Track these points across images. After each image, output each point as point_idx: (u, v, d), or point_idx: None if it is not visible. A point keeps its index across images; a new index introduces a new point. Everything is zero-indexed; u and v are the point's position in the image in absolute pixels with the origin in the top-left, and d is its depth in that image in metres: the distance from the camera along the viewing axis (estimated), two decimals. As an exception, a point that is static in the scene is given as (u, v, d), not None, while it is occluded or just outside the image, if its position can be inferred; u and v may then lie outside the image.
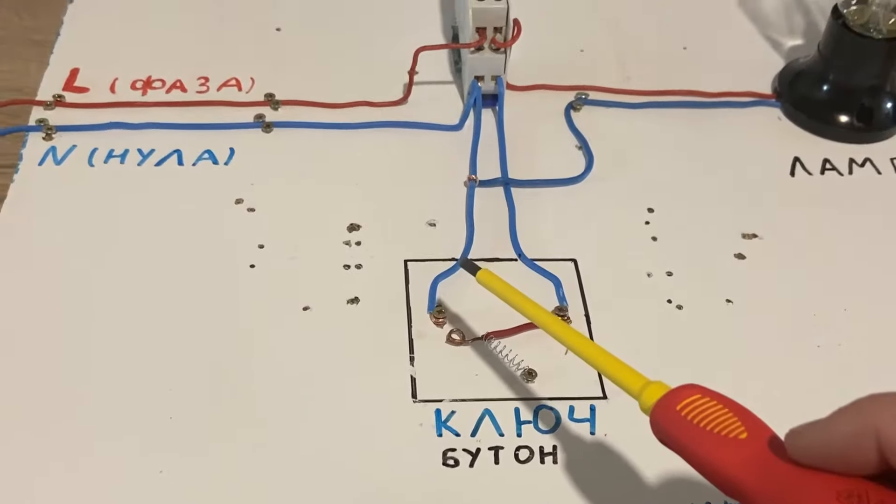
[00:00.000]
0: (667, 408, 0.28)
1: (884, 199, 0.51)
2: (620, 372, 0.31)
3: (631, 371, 0.31)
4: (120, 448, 0.38)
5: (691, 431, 0.27)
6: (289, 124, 0.53)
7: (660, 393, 0.29)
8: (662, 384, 0.30)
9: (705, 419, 0.27)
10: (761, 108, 0.56)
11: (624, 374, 0.31)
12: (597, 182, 0.51)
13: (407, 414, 0.40)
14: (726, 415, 0.27)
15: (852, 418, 0.24)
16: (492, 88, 0.53)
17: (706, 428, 0.27)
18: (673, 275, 0.46)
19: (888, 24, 0.51)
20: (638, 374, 0.31)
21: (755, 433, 0.27)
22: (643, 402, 0.30)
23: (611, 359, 0.32)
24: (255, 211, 0.48)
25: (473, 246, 0.47)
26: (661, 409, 0.28)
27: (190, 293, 0.44)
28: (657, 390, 0.29)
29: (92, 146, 0.51)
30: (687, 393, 0.28)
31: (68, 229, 0.47)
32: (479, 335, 0.43)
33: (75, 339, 0.42)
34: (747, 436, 0.26)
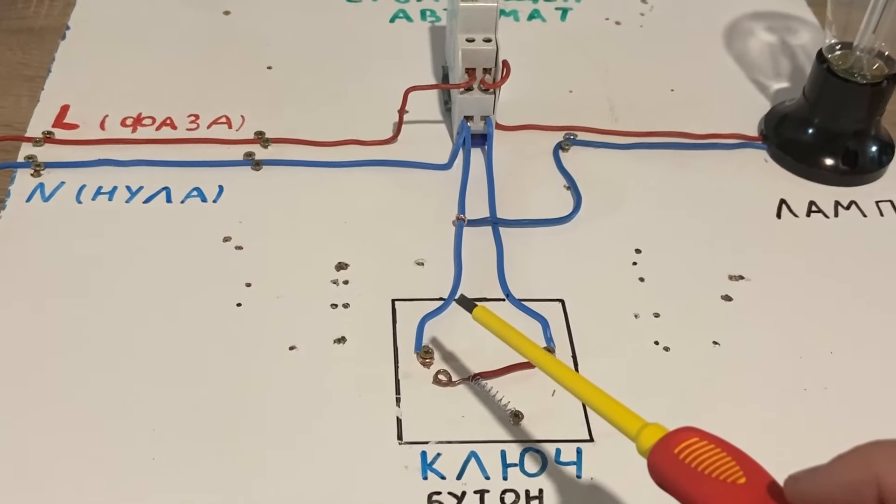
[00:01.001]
0: (664, 451, 0.28)
1: (869, 242, 0.51)
2: (617, 413, 0.31)
3: (628, 412, 0.31)
4: (101, 488, 0.38)
5: (689, 475, 0.27)
6: (278, 162, 0.53)
7: (657, 435, 0.29)
8: (660, 426, 0.29)
9: (703, 463, 0.27)
10: (748, 151, 0.56)
11: (621, 416, 0.31)
12: (585, 222, 0.51)
13: (392, 456, 0.40)
14: (724, 459, 0.27)
15: (853, 466, 0.24)
16: (481, 128, 0.54)
17: (704, 472, 0.27)
18: (660, 316, 0.46)
19: (872, 69, 0.52)
20: (635, 415, 0.31)
21: (754, 478, 0.26)
22: (640, 445, 0.29)
23: (608, 399, 0.32)
24: (243, 249, 0.48)
25: (461, 286, 0.47)
26: (659, 452, 0.28)
27: (175, 332, 0.44)
28: (655, 433, 0.29)
29: (80, 183, 0.51)
30: (685, 436, 0.28)
31: (55, 266, 0.47)
32: (465, 376, 0.43)
33: (60, 377, 0.42)
34: (746, 481, 0.26)
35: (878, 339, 0.46)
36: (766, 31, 0.66)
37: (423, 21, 0.65)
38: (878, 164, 0.54)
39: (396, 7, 0.66)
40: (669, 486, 0.28)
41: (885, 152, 0.55)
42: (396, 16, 0.66)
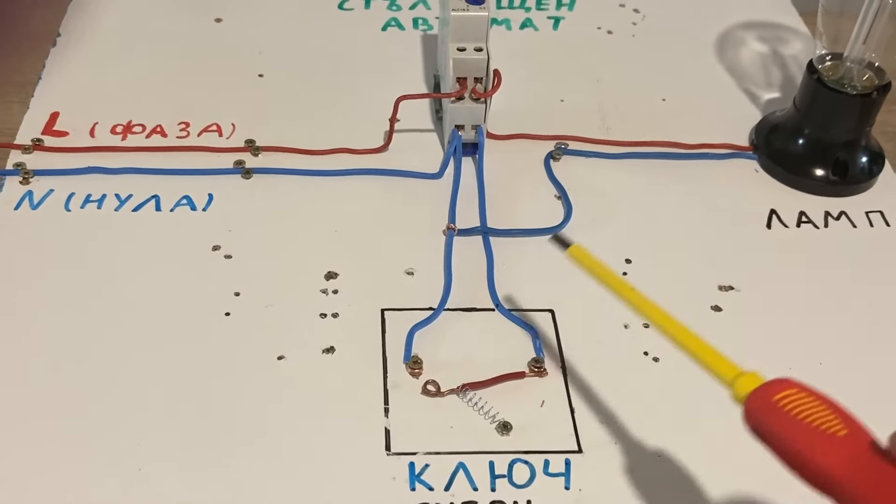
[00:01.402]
0: (763, 398, 0.28)
1: (859, 253, 0.51)
2: (714, 360, 0.31)
3: (724, 360, 0.31)
4: (87, 499, 0.38)
5: (789, 422, 0.27)
6: (268, 171, 0.53)
7: (755, 384, 0.29)
8: (757, 375, 0.29)
9: (803, 412, 0.27)
10: (738, 161, 0.56)
11: (717, 363, 0.31)
12: (575, 232, 0.51)
13: (380, 467, 0.40)
14: (824, 410, 0.27)
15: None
16: (472, 137, 0.54)
17: (804, 420, 0.27)
18: (649, 327, 0.46)
19: (862, 79, 0.52)
20: (732, 363, 0.30)
21: (854, 431, 0.26)
22: (737, 392, 0.29)
23: (704, 347, 0.31)
24: (232, 258, 0.48)
25: (451, 295, 0.47)
26: (757, 399, 0.28)
27: (164, 341, 0.44)
28: (752, 380, 0.29)
29: (69, 191, 0.51)
30: (784, 386, 0.28)
31: (43, 275, 0.46)
32: (454, 387, 0.42)
33: (46, 386, 0.42)
34: (847, 433, 0.26)
35: (867, 350, 0.46)
36: (758, 40, 0.66)
37: (415, 29, 0.65)
38: (868, 175, 0.54)
39: (388, 15, 0.66)
40: (765, 432, 0.28)
41: (875, 163, 0.55)
42: (388, 24, 0.66)
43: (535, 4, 0.68)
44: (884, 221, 0.53)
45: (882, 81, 0.52)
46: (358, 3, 0.67)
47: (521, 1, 0.69)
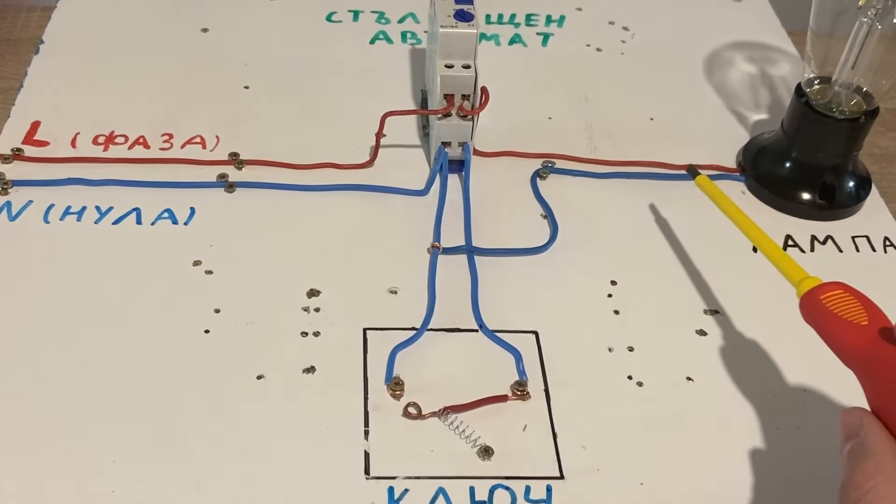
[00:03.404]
0: (813, 296, 0.37)
1: (845, 278, 0.50)
2: (788, 265, 0.40)
3: (795, 266, 0.40)
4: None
5: (825, 315, 0.35)
6: (252, 185, 0.53)
7: (812, 285, 0.37)
8: (816, 279, 0.38)
9: (839, 307, 0.35)
10: (726, 182, 0.56)
11: (789, 267, 0.40)
12: (561, 252, 0.51)
13: (359, 491, 0.39)
14: (856, 306, 0.35)
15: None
16: (458, 154, 0.53)
17: (837, 313, 0.35)
18: (634, 350, 0.46)
19: (850, 104, 0.52)
20: (801, 269, 0.39)
21: (874, 321, 0.34)
22: (799, 291, 0.38)
23: (783, 255, 0.41)
24: (213, 273, 0.47)
25: (434, 315, 0.46)
26: (808, 298, 0.37)
27: (141, 358, 0.43)
28: (811, 283, 0.38)
29: (49, 202, 0.50)
30: (832, 287, 0.36)
31: (19, 288, 0.46)
32: (436, 409, 0.42)
33: (20, 400, 0.41)
34: (868, 322, 0.34)
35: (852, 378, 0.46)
36: (747, 61, 0.66)
37: (403, 43, 0.65)
38: (854, 200, 0.54)
39: (377, 28, 0.66)
40: (810, 320, 0.36)
41: (863, 187, 0.55)
42: (377, 37, 0.65)
43: (525, 20, 0.68)
44: (870, 246, 0.53)
45: (870, 106, 0.52)
46: (346, 16, 0.67)
47: (511, 17, 0.68)
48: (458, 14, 0.51)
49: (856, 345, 0.34)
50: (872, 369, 0.33)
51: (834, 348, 0.35)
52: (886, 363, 0.32)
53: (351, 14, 0.67)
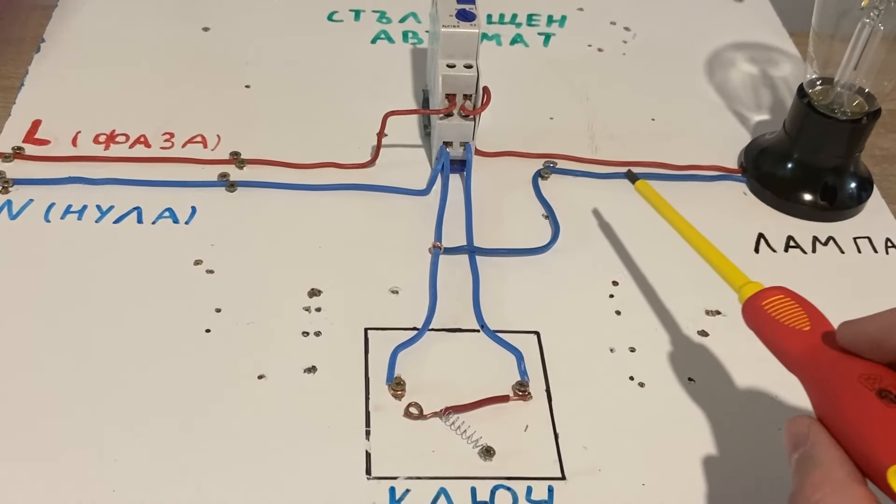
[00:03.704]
0: (755, 302, 0.36)
1: (846, 279, 0.51)
2: (729, 271, 0.39)
3: (737, 271, 0.39)
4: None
5: (768, 322, 0.35)
6: (253, 184, 0.52)
7: (753, 290, 0.36)
8: (758, 284, 0.37)
9: (781, 313, 0.34)
10: (727, 183, 0.56)
11: (730, 273, 0.39)
12: (562, 252, 0.51)
13: (360, 491, 0.39)
14: (798, 311, 0.34)
15: (889, 315, 0.30)
16: (460, 154, 0.53)
17: (779, 320, 0.34)
18: (636, 351, 0.46)
19: (852, 105, 0.52)
20: (742, 274, 0.38)
21: (816, 326, 0.33)
22: (740, 297, 0.37)
23: (725, 261, 0.40)
24: (214, 273, 0.47)
25: (436, 315, 0.46)
26: (749, 304, 0.36)
27: (142, 357, 0.43)
28: (752, 288, 0.36)
29: (49, 201, 0.50)
30: (773, 293, 0.36)
31: (20, 287, 0.45)
32: (437, 410, 0.42)
33: (20, 400, 0.41)
34: (810, 328, 0.33)
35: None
36: (748, 62, 0.66)
37: (404, 43, 0.65)
38: (856, 201, 0.54)
39: (378, 28, 0.66)
40: (754, 328, 0.36)
41: (864, 189, 0.55)
42: (378, 37, 0.65)
43: (526, 20, 0.68)
44: (871, 247, 0.53)
45: (872, 107, 0.52)
46: (347, 16, 0.67)
47: (512, 17, 0.68)
48: (460, 14, 0.51)
49: (798, 351, 0.33)
50: (815, 376, 0.32)
51: (777, 355, 0.34)
52: (829, 369, 0.31)
53: (352, 13, 0.67)
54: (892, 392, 0.29)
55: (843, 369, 0.31)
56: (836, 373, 0.31)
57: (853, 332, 0.31)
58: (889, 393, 0.29)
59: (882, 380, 0.30)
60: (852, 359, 0.31)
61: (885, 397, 0.29)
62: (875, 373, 0.30)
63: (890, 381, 0.29)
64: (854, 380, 0.30)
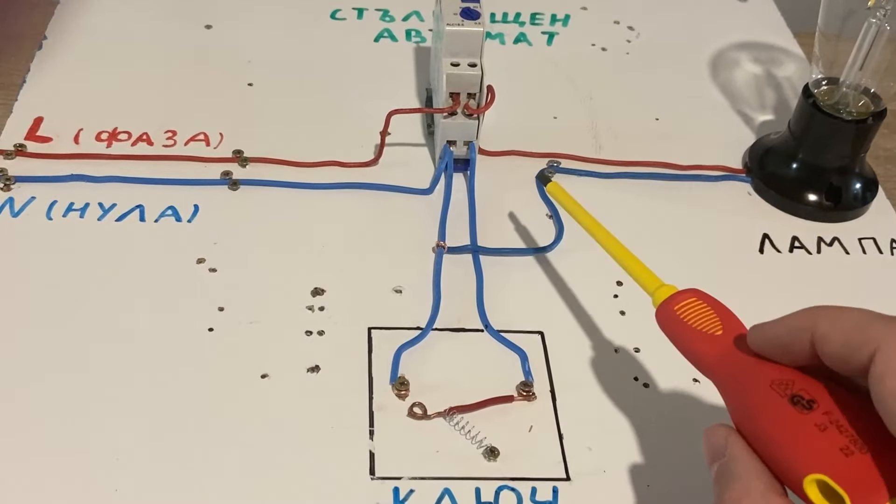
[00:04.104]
0: (667, 307, 0.35)
1: (851, 280, 0.51)
2: (641, 274, 0.38)
3: (650, 274, 0.38)
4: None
5: (679, 327, 0.34)
6: (256, 182, 0.52)
7: (666, 294, 0.35)
8: (671, 287, 0.36)
9: (693, 318, 0.34)
10: (732, 183, 0.56)
11: (644, 276, 0.38)
12: (566, 252, 0.50)
13: (364, 492, 0.39)
14: (711, 315, 0.34)
15: (798, 317, 0.29)
16: (464, 153, 0.53)
17: (691, 325, 0.34)
18: (640, 351, 0.46)
19: (857, 105, 0.52)
20: (656, 277, 0.38)
21: (729, 330, 0.33)
22: (654, 301, 0.36)
23: (637, 263, 0.39)
24: (217, 271, 0.47)
25: (439, 315, 0.46)
26: (662, 309, 0.35)
27: (144, 356, 0.43)
28: (665, 292, 0.36)
29: (52, 198, 0.50)
30: (685, 296, 0.35)
31: (22, 284, 0.45)
32: (441, 410, 0.42)
33: (22, 400, 0.40)
34: (722, 333, 0.33)
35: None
36: (753, 62, 0.66)
37: (408, 41, 0.65)
38: (861, 202, 0.54)
39: (381, 26, 0.66)
40: (667, 333, 0.35)
41: (869, 189, 0.54)
42: (381, 35, 0.65)
43: (530, 19, 0.68)
44: (877, 248, 0.53)
45: (878, 108, 0.51)
46: (350, 14, 0.67)
47: (516, 15, 0.68)
48: (465, 12, 0.51)
49: (710, 356, 0.32)
50: (729, 382, 0.31)
51: (690, 360, 0.34)
52: (741, 375, 0.31)
53: (355, 11, 0.67)
54: (805, 397, 0.28)
55: (755, 375, 0.30)
56: (748, 379, 0.30)
57: (763, 337, 0.31)
58: (801, 399, 0.28)
59: (794, 385, 0.29)
60: (764, 363, 0.30)
61: (797, 403, 0.28)
62: (787, 377, 0.29)
63: (801, 387, 0.29)
64: (766, 386, 0.29)
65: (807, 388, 0.29)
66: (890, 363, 0.26)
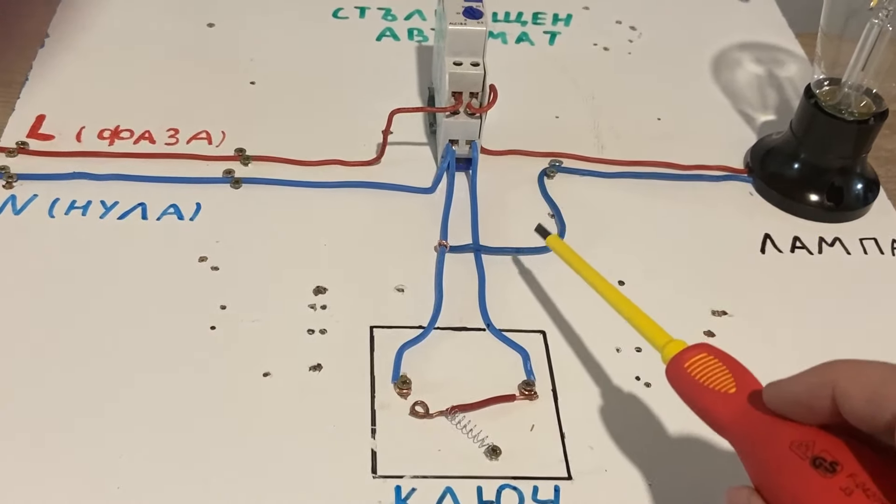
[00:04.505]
0: (678, 364, 0.34)
1: (853, 280, 0.51)
2: (649, 329, 0.37)
3: (658, 329, 0.37)
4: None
5: (691, 385, 0.33)
6: (258, 181, 0.52)
7: (676, 350, 0.34)
8: (681, 343, 0.35)
9: (705, 375, 0.33)
10: (733, 183, 0.56)
11: (652, 332, 0.37)
12: (568, 252, 0.50)
13: (366, 490, 0.39)
14: (723, 372, 0.32)
15: (816, 373, 0.28)
16: (466, 152, 0.53)
17: (703, 383, 0.32)
18: (642, 350, 0.46)
19: (859, 105, 0.52)
20: (664, 332, 0.36)
21: (742, 388, 0.32)
22: (663, 358, 0.35)
23: (644, 318, 0.38)
24: (219, 270, 0.47)
25: (441, 314, 0.46)
26: (673, 366, 0.34)
27: (146, 354, 0.43)
28: (675, 348, 0.34)
29: (54, 196, 0.50)
30: (696, 352, 0.34)
31: (24, 282, 0.45)
32: (443, 408, 0.42)
33: (24, 396, 0.40)
34: (735, 390, 0.32)
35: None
36: (754, 62, 0.66)
37: (410, 40, 0.65)
38: (862, 202, 0.54)
39: (383, 25, 0.66)
40: (678, 392, 0.34)
41: (871, 190, 0.55)
42: (383, 34, 0.65)
43: (532, 19, 0.68)
44: (878, 249, 0.53)
45: (879, 108, 0.52)
46: (353, 13, 0.67)
47: (518, 15, 0.68)
48: (468, 11, 0.51)
49: (725, 416, 0.31)
50: (746, 443, 0.30)
51: (705, 420, 0.32)
52: (759, 436, 0.30)
53: (357, 10, 0.67)
54: (827, 459, 0.27)
55: (773, 436, 0.29)
56: (766, 441, 0.29)
57: (779, 395, 0.30)
58: (823, 461, 0.27)
59: (815, 446, 0.28)
60: (782, 423, 0.29)
61: (819, 466, 0.27)
62: (807, 438, 0.28)
63: (822, 447, 0.28)
64: (786, 448, 0.28)
65: (828, 448, 0.28)
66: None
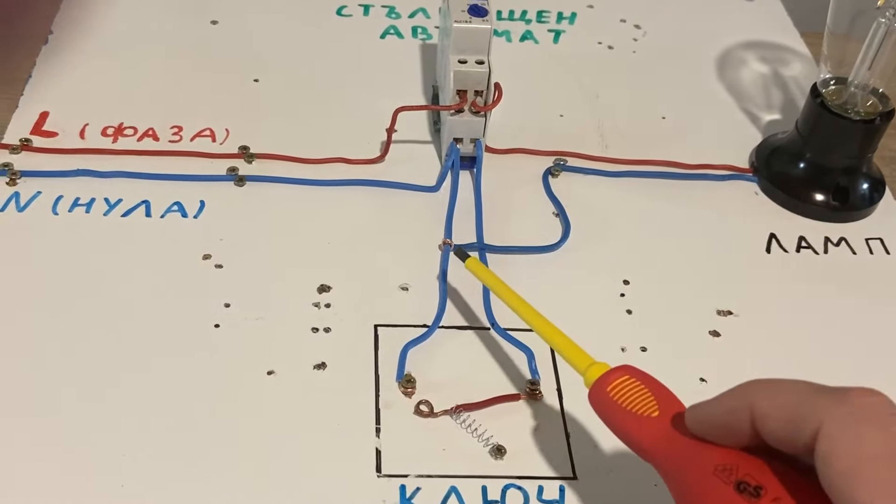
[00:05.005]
0: (600, 388, 0.33)
1: (858, 280, 0.51)
2: (571, 352, 0.36)
3: (580, 352, 0.36)
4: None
5: (613, 410, 0.32)
6: (262, 178, 0.52)
7: (598, 373, 0.33)
8: (604, 365, 0.34)
9: (627, 399, 0.32)
10: (738, 182, 0.56)
11: (574, 355, 0.35)
12: (573, 251, 0.50)
13: (370, 489, 0.39)
14: (646, 395, 0.32)
15: (734, 395, 0.28)
16: (470, 151, 0.53)
17: (625, 407, 0.32)
18: (647, 350, 0.45)
19: (866, 105, 0.52)
20: (586, 355, 0.35)
21: (665, 411, 0.31)
22: (586, 381, 0.34)
23: (566, 341, 0.37)
24: (223, 267, 0.47)
25: (446, 313, 0.46)
26: (595, 390, 0.33)
27: (150, 352, 0.43)
28: (597, 371, 0.33)
29: (57, 193, 0.50)
30: (618, 375, 0.33)
31: (27, 280, 0.45)
32: (448, 407, 0.42)
33: (27, 395, 0.40)
34: (658, 414, 0.31)
35: (866, 379, 0.45)
36: (759, 61, 0.65)
37: (414, 38, 0.64)
38: (868, 202, 0.54)
39: (387, 23, 0.66)
40: (600, 416, 0.33)
41: (876, 189, 0.54)
42: (387, 32, 0.65)
43: (536, 17, 0.68)
44: (884, 249, 0.52)
45: (886, 108, 0.51)
46: (356, 10, 0.66)
47: (522, 13, 0.68)
48: (472, 9, 0.51)
49: (648, 441, 0.31)
50: (670, 468, 0.30)
51: (629, 446, 0.32)
52: (682, 461, 0.29)
53: (361, 8, 0.67)
54: (751, 484, 0.27)
55: (697, 461, 0.29)
56: (689, 465, 0.29)
57: (700, 419, 0.29)
58: (748, 486, 0.27)
59: (738, 470, 0.27)
60: (705, 446, 0.29)
61: (743, 491, 0.27)
62: (730, 462, 0.28)
63: (746, 471, 0.27)
64: (710, 473, 0.28)
65: (752, 472, 0.27)
66: (834, 441, 0.24)
